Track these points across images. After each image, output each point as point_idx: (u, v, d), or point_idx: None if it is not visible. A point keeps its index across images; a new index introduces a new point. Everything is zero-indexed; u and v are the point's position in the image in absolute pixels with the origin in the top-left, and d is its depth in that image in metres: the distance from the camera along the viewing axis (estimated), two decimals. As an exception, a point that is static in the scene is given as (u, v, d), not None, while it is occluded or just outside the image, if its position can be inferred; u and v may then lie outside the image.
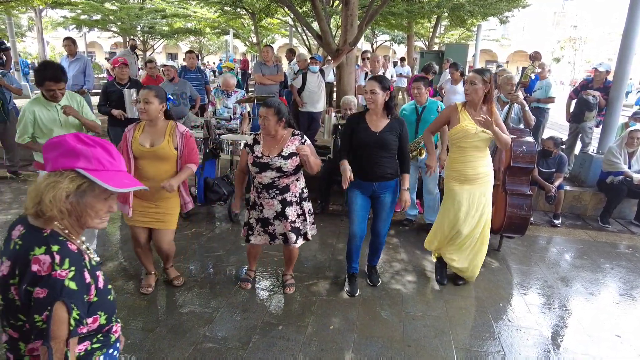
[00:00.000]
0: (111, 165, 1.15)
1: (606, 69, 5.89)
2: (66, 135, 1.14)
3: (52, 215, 1.11)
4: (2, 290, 1.13)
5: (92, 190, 1.14)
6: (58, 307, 1.06)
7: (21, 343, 1.18)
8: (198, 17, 18.77)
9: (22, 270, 1.09)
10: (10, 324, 1.16)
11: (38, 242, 1.11)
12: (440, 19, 17.76)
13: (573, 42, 30.63)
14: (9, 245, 1.16)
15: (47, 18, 21.25)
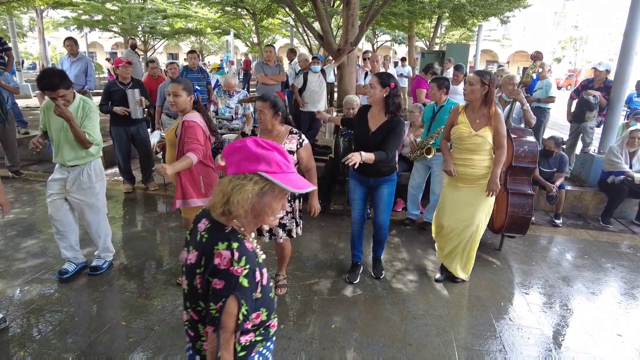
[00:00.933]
0: (287, 168, 1.24)
1: (606, 68, 5.89)
2: (246, 140, 1.24)
3: (237, 214, 1.21)
4: (189, 277, 1.25)
5: (272, 191, 1.23)
6: (231, 300, 1.15)
7: (200, 325, 1.30)
8: (199, 18, 18.80)
9: (207, 262, 1.20)
10: (192, 307, 1.28)
11: (221, 237, 1.21)
12: (441, 19, 17.77)
13: (574, 42, 30.63)
14: (195, 237, 1.28)
15: (49, 18, 21.29)
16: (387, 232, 3.44)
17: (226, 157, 1.25)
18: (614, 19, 29.47)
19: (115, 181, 5.82)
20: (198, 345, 1.32)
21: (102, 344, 2.57)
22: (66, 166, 3.17)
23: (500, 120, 3.09)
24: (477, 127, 3.11)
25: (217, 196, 1.23)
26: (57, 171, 3.22)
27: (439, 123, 4.14)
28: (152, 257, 3.78)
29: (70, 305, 2.97)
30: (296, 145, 2.85)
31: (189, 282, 1.25)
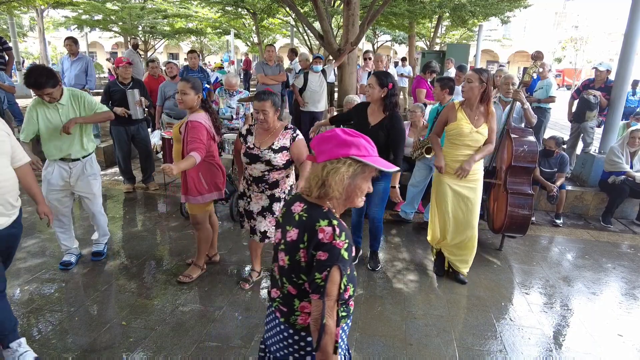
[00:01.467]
0: (373, 152, 1.36)
1: (607, 68, 5.89)
2: (335, 130, 1.37)
3: (333, 196, 1.34)
4: (290, 253, 1.36)
5: (362, 173, 1.35)
6: (334, 270, 1.27)
7: (296, 300, 1.41)
8: (199, 17, 18.78)
9: (310, 237, 1.32)
10: (292, 282, 1.38)
11: (321, 215, 1.34)
12: (442, 19, 17.75)
13: (574, 42, 30.60)
14: (292, 217, 1.40)
15: (49, 18, 21.30)
16: (380, 226, 3.57)
17: (316, 147, 1.38)
18: (614, 19, 29.45)
19: (116, 181, 5.81)
20: (292, 320, 1.42)
21: (102, 344, 2.57)
22: (67, 161, 3.22)
23: (495, 118, 3.26)
24: (477, 124, 3.20)
25: (312, 181, 1.36)
26: (57, 168, 3.24)
27: None
28: (152, 256, 3.78)
29: (70, 305, 2.97)
30: (289, 141, 2.86)
31: (290, 257, 1.36)
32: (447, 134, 3.32)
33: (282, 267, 1.40)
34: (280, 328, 1.46)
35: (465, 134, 3.18)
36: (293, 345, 1.44)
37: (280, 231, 1.45)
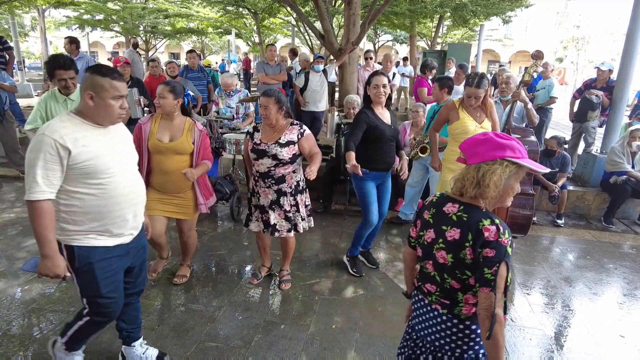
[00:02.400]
0: (525, 154, 1.44)
1: (609, 68, 5.87)
2: (489, 134, 1.47)
3: (489, 196, 1.43)
4: (454, 251, 1.46)
5: (516, 174, 1.44)
6: (502, 265, 1.37)
7: (459, 293, 1.51)
8: (200, 17, 18.80)
9: (475, 236, 1.41)
10: (455, 277, 1.49)
11: (482, 216, 1.44)
12: (443, 18, 17.74)
13: (576, 42, 30.54)
14: (448, 217, 1.50)
15: (50, 18, 21.32)
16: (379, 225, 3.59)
17: (469, 149, 1.48)
18: (616, 19, 29.40)
19: (117, 180, 5.81)
20: (457, 311, 1.53)
21: (103, 343, 2.56)
22: None
23: (494, 108, 3.34)
24: (480, 120, 3.29)
25: (466, 182, 1.46)
26: None
27: None
28: (153, 257, 3.77)
29: (71, 304, 2.96)
30: (297, 135, 2.92)
31: (453, 255, 1.47)
32: (452, 133, 3.33)
33: (442, 265, 1.51)
34: (442, 319, 1.56)
35: (471, 132, 3.19)
36: (458, 334, 1.55)
37: (432, 231, 1.56)
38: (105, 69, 1.82)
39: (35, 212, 1.72)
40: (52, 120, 1.78)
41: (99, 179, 1.81)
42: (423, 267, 1.62)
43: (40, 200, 1.71)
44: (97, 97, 1.78)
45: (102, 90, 1.78)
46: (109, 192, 1.85)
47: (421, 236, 1.61)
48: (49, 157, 1.69)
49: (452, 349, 1.57)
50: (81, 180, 1.78)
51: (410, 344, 1.73)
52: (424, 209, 1.64)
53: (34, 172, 1.69)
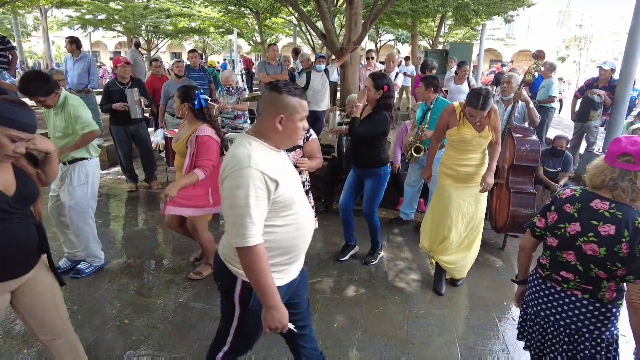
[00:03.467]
0: None
1: (611, 67, 5.86)
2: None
3: None
4: (608, 245, 1.59)
5: None
6: None
7: (605, 281, 1.66)
8: (202, 17, 18.80)
9: (633, 233, 1.54)
10: (604, 268, 1.62)
11: (636, 214, 1.57)
12: (445, 18, 17.70)
13: (578, 41, 30.44)
14: (599, 213, 1.63)
15: (53, 18, 21.36)
16: (373, 223, 3.63)
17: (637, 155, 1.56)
18: (618, 18, 29.27)
19: (119, 180, 5.83)
20: (600, 296, 1.69)
21: (104, 342, 2.58)
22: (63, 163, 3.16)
23: (498, 117, 3.14)
24: (480, 129, 3.09)
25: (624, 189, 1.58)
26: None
27: (430, 124, 4.07)
28: (155, 255, 3.79)
29: (73, 303, 2.98)
30: (303, 139, 2.95)
31: (607, 248, 1.59)
32: (449, 139, 3.19)
33: (590, 256, 1.64)
34: (583, 303, 1.72)
35: (468, 141, 3.09)
36: (598, 317, 1.70)
37: (578, 224, 1.67)
38: (290, 87, 1.60)
39: (255, 258, 1.49)
40: (247, 150, 1.53)
41: (291, 209, 1.63)
42: (558, 256, 1.75)
43: (259, 244, 1.49)
44: (287, 120, 1.58)
45: (293, 112, 1.59)
46: (300, 223, 1.68)
47: (560, 228, 1.73)
48: (259, 193, 1.48)
49: (590, 331, 1.71)
50: (277, 213, 1.59)
51: (537, 329, 1.86)
52: (564, 202, 1.74)
53: (247, 212, 1.46)
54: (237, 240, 1.48)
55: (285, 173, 1.62)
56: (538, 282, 1.88)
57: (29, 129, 1.64)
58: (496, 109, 3.13)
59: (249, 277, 1.54)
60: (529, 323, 1.92)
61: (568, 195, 1.75)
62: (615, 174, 1.60)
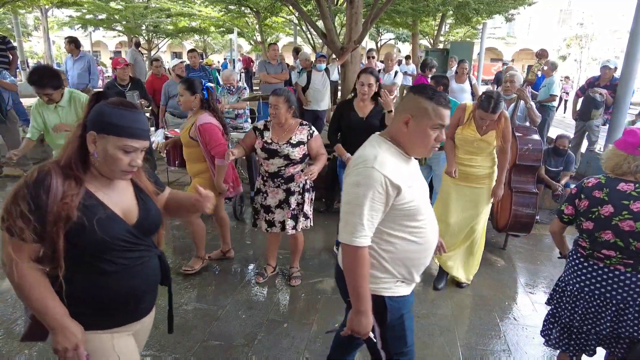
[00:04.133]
0: None
1: (614, 66, 5.85)
2: None
3: None
4: None
5: None
6: None
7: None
8: (202, 16, 18.79)
9: None
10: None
11: None
12: (445, 17, 17.66)
13: (579, 39, 30.39)
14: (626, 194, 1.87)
15: (53, 17, 21.36)
16: None
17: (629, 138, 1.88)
18: (620, 16, 29.24)
19: (120, 180, 5.83)
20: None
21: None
22: None
23: (509, 126, 3.09)
24: (484, 132, 3.07)
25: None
26: None
27: None
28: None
29: (75, 303, 2.98)
30: (307, 136, 2.95)
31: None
32: (455, 137, 3.22)
33: (628, 232, 1.84)
34: (627, 276, 1.91)
35: (469, 142, 3.11)
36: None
37: (610, 206, 1.89)
38: (431, 91, 1.50)
39: (358, 260, 1.46)
40: (376, 150, 1.49)
41: (417, 220, 1.55)
42: (597, 237, 1.93)
43: (364, 246, 1.46)
44: (413, 121, 1.50)
45: (424, 116, 1.48)
46: (426, 235, 1.60)
47: (594, 212, 1.94)
48: (377, 196, 1.44)
49: (634, 299, 1.90)
50: (400, 222, 1.53)
51: (580, 303, 2.02)
52: (592, 189, 1.97)
53: (360, 211, 1.43)
54: (345, 236, 1.47)
55: (411, 181, 1.54)
56: (580, 260, 2.06)
57: (143, 136, 1.33)
58: (507, 116, 3.08)
59: (348, 276, 1.50)
60: (566, 299, 2.10)
61: (594, 183, 1.99)
62: (638, 160, 1.87)
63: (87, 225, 1.24)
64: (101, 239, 1.26)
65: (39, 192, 1.19)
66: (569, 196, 2.12)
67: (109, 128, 1.26)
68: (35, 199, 1.18)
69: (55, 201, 1.20)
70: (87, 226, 1.24)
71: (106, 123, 1.25)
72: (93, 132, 1.26)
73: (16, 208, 1.18)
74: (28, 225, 1.18)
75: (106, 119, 1.26)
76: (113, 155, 1.27)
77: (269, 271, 3.39)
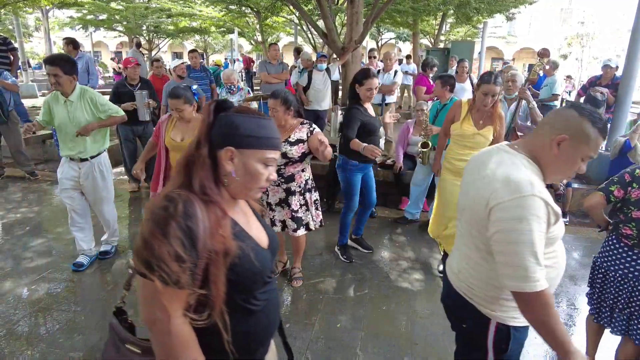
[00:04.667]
0: None
1: (615, 65, 5.84)
2: None
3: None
4: None
5: None
6: None
7: None
8: (203, 16, 18.80)
9: None
10: None
11: None
12: (446, 16, 17.66)
13: (580, 38, 30.34)
14: None
15: (54, 18, 21.39)
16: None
17: None
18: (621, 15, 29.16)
19: (121, 180, 5.84)
20: None
21: (108, 343, 2.58)
22: (76, 160, 3.24)
23: (503, 123, 3.21)
24: (481, 127, 3.17)
25: None
26: (67, 167, 3.30)
27: (441, 123, 4.08)
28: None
29: (77, 304, 2.99)
30: (306, 133, 2.94)
31: None
32: (451, 133, 3.32)
33: None
34: None
35: (467, 136, 3.18)
36: None
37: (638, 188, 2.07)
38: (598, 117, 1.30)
39: (547, 306, 1.24)
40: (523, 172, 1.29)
41: (553, 247, 1.38)
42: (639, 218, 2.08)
43: (546, 288, 1.24)
44: (569, 144, 1.29)
45: (582, 142, 1.29)
46: (559, 263, 1.42)
47: None
48: (543, 227, 1.25)
49: None
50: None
51: (623, 287, 2.15)
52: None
53: (531, 250, 1.22)
54: (519, 284, 1.24)
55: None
56: (624, 250, 2.15)
57: (280, 146, 1.20)
58: (502, 115, 3.17)
59: (537, 326, 1.28)
60: (610, 284, 2.22)
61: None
62: None
63: (243, 257, 1.07)
64: (258, 271, 1.11)
65: (191, 226, 0.98)
66: (622, 180, 2.17)
67: (250, 141, 1.10)
68: (189, 234, 0.97)
69: (209, 234, 1.01)
70: (242, 258, 1.07)
71: (245, 136, 1.09)
72: (230, 147, 1.09)
73: (169, 249, 0.95)
74: (184, 268, 0.96)
75: (245, 131, 1.09)
76: (255, 170, 1.11)
77: (279, 267, 3.44)
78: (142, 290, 1.02)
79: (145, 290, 1.01)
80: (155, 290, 0.97)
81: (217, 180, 1.10)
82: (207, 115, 1.13)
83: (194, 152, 1.10)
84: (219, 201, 1.08)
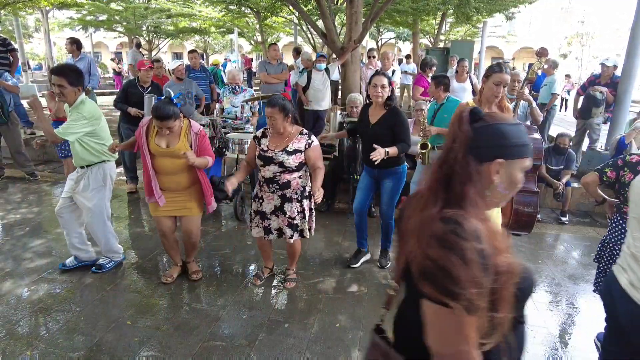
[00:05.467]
0: None
1: (613, 64, 5.84)
2: None
3: None
4: None
5: None
6: None
7: None
8: (203, 17, 18.81)
9: None
10: None
11: None
12: (446, 15, 17.64)
13: (580, 38, 30.33)
14: None
15: (54, 19, 21.41)
16: (392, 224, 3.54)
17: None
18: (620, 14, 29.17)
19: (120, 181, 5.84)
20: None
21: (108, 343, 2.59)
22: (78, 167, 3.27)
23: (510, 113, 3.20)
24: None
25: None
26: (74, 172, 3.32)
27: (439, 123, 4.07)
28: (157, 256, 3.80)
29: (77, 304, 2.99)
30: (304, 145, 2.92)
31: None
32: None
33: None
34: None
35: None
36: None
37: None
38: None
39: None
40: None
41: None
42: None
43: None
44: None
45: None
46: None
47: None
48: None
49: None
50: None
51: None
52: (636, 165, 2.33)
53: None
54: None
55: None
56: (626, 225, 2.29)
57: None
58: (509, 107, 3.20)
59: None
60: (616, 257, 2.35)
61: (638, 160, 2.35)
62: None
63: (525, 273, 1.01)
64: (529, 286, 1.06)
65: (483, 249, 0.93)
66: (615, 164, 2.43)
67: (517, 150, 1.05)
68: (483, 257, 0.92)
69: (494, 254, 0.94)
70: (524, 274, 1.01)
71: (513, 145, 1.04)
72: (500, 159, 1.03)
73: (470, 275, 0.90)
74: (482, 294, 0.91)
75: (512, 141, 1.04)
76: (517, 180, 1.07)
77: (266, 273, 3.40)
78: (439, 321, 0.95)
79: (445, 321, 0.94)
80: (458, 321, 0.91)
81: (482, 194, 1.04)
82: (464, 125, 1.06)
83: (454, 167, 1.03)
84: (488, 218, 1.02)
